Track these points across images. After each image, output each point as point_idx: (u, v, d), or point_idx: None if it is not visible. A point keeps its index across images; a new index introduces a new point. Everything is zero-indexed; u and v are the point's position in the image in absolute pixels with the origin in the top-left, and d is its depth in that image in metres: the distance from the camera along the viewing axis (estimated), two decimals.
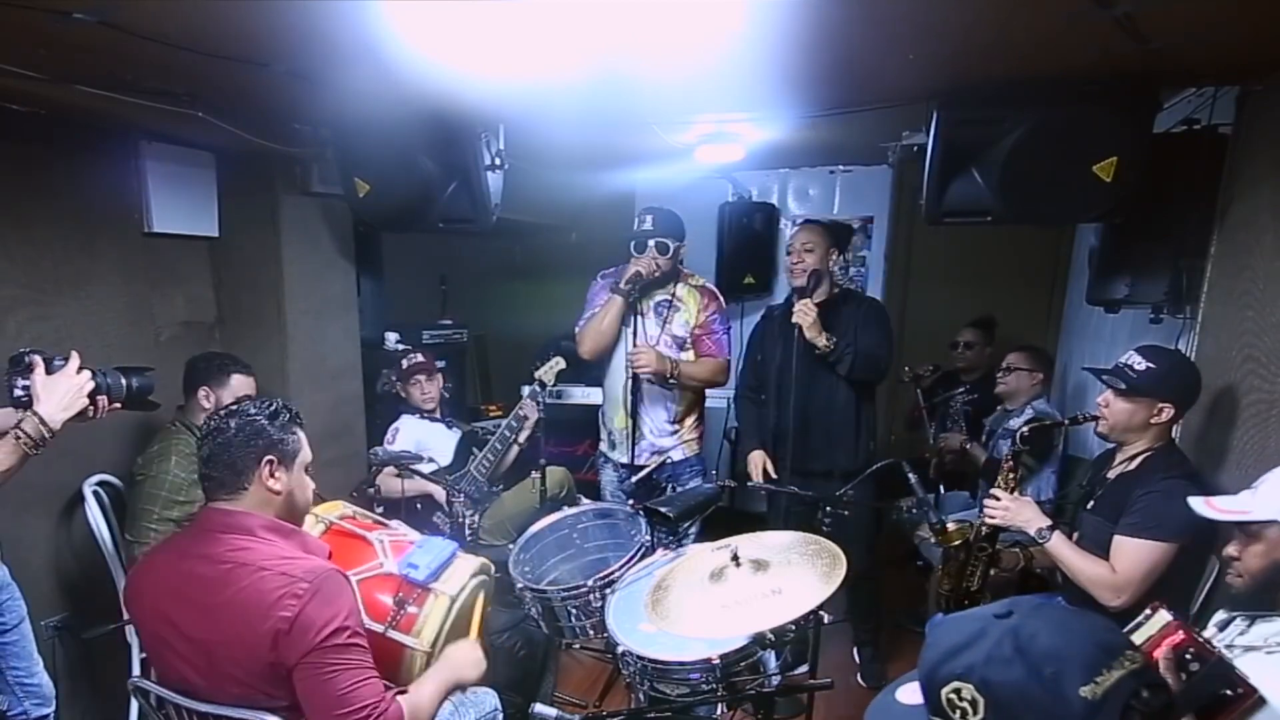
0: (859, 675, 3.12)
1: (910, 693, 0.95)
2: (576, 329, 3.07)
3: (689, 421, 3.07)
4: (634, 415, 2.96)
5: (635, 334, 2.87)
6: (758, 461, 2.90)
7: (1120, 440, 2.07)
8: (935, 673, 0.87)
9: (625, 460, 3.03)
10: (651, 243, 2.85)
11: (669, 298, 2.97)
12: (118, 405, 1.87)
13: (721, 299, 3.06)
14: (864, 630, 3.15)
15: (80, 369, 1.75)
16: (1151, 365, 1.97)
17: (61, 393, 1.69)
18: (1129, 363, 2.01)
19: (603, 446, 3.18)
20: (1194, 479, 1.94)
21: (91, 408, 1.78)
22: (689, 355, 2.99)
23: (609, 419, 3.09)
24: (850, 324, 2.77)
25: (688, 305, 2.98)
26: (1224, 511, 1.47)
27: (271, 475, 1.56)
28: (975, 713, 0.83)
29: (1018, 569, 2.25)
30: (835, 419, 2.83)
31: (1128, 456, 2.06)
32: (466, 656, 1.76)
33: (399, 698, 1.53)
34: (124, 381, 1.89)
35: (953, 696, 0.84)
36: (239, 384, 2.58)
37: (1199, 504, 1.52)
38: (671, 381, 2.91)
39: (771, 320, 3.05)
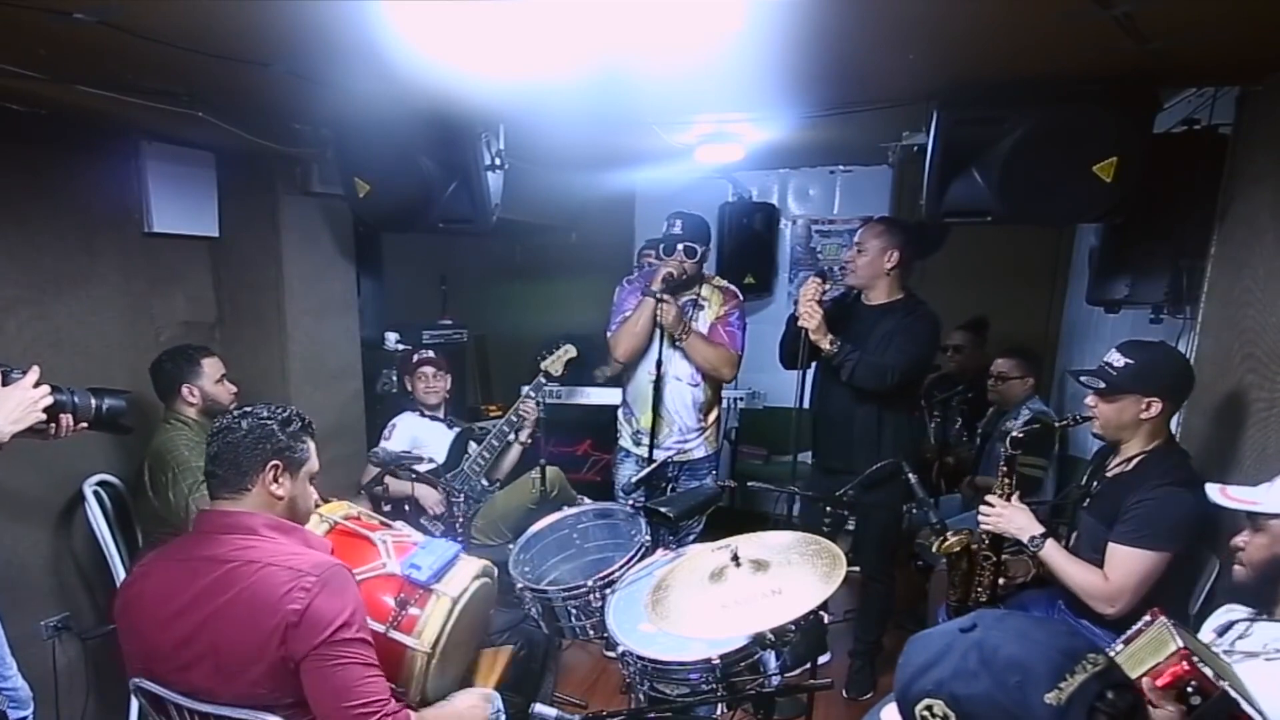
0: (844, 688, 2.97)
1: (893, 712, 0.96)
2: (608, 333, 3.08)
3: (712, 417, 3.11)
4: (663, 411, 3.00)
5: (664, 335, 2.90)
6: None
7: (1117, 438, 2.04)
8: (908, 691, 0.88)
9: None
10: (680, 246, 2.89)
11: (694, 297, 3.02)
12: (84, 425, 1.81)
13: (741, 298, 3.10)
14: (864, 640, 3.03)
15: (39, 383, 1.68)
16: (1130, 361, 1.93)
17: (12, 405, 1.63)
18: (1109, 362, 1.98)
19: (625, 442, 3.17)
20: (1191, 484, 1.84)
21: (54, 425, 1.73)
22: None
23: (636, 417, 3.10)
24: (891, 332, 2.69)
25: (712, 304, 3.04)
26: (1235, 500, 1.50)
27: (275, 480, 1.56)
28: None
29: (1029, 577, 2.23)
30: (856, 420, 2.77)
31: (1125, 457, 2.03)
32: (473, 710, 1.76)
33: (409, 711, 1.53)
34: (93, 402, 1.82)
35: (925, 714, 0.86)
36: (211, 365, 2.60)
37: (1214, 491, 1.55)
38: (678, 343, 2.93)
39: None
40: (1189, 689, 1.24)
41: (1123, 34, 1.60)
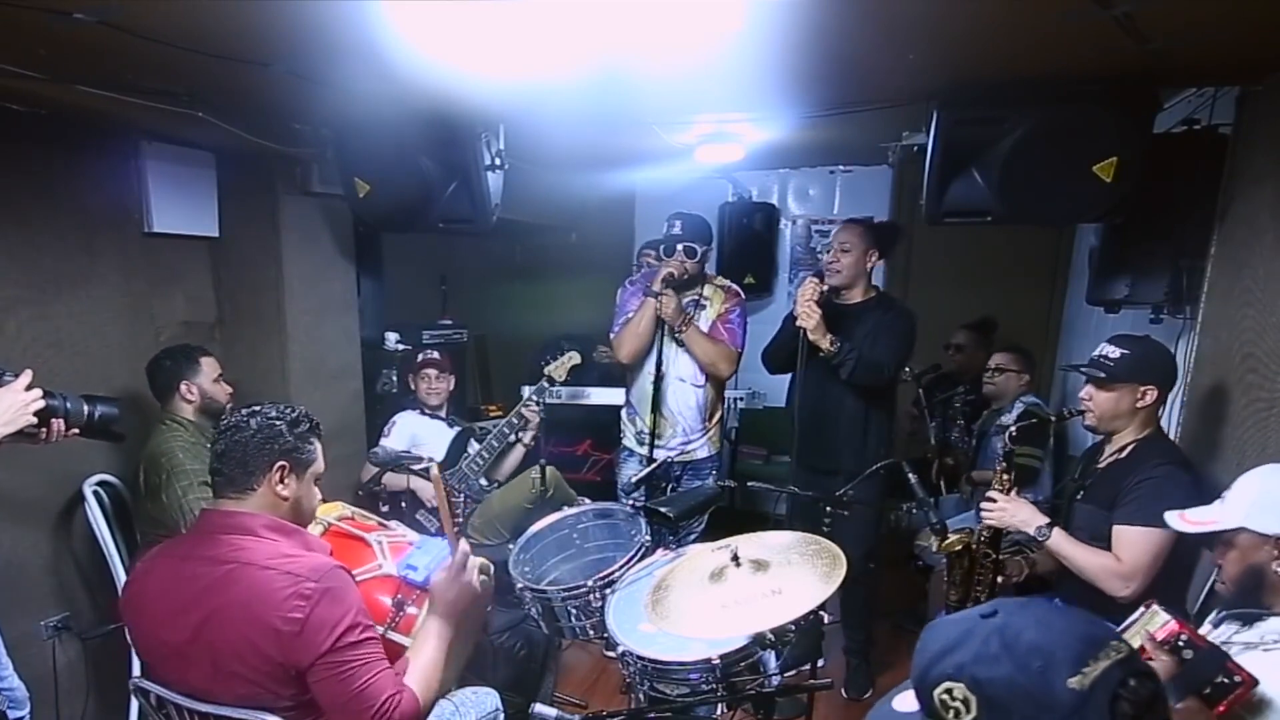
0: (843, 687, 3.02)
1: (906, 700, 0.96)
2: (611, 335, 3.09)
3: (715, 418, 3.12)
4: (666, 411, 3.00)
5: (664, 334, 2.91)
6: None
7: (1110, 430, 2.09)
8: (926, 675, 0.88)
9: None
10: (680, 246, 2.90)
11: (696, 297, 3.03)
12: (75, 431, 1.82)
13: (743, 296, 3.11)
14: (854, 639, 3.08)
15: (31, 387, 1.69)
16: (1126, 351, 2.01)
17: (3, 408, 1.64)
18: (1103, 354, 2.04)
19: (629, 442, 3.18)
20: (1185, 465, 1.98)
21: (45, 429, 1.74)
22: None
23: (640, 417, 3.10)
24: (873, 329, 2.76)
25: (714, 303, 3.04)
26: (1195, 524, 1.52)
27: (281, 481, 1.56)
28: (968, 711, 0.83)
29: (1023, 575, 2.25)
30: (844, 418, 2.83)
31: (1118, 447, 2.08)
32: (457, 594, 1.64)
33: (407, 682, 1.53)
34: (85, 408, 1.83)
35: (945, 697, 0.85)
36: (208, 364, 2.61)
37: (1174, 519, 1.57)
38: (678, 334, 2.93)
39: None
40: (1180, 643, 1.33)
41: (1123, 34, 1.60)
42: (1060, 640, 0.83)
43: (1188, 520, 1.54)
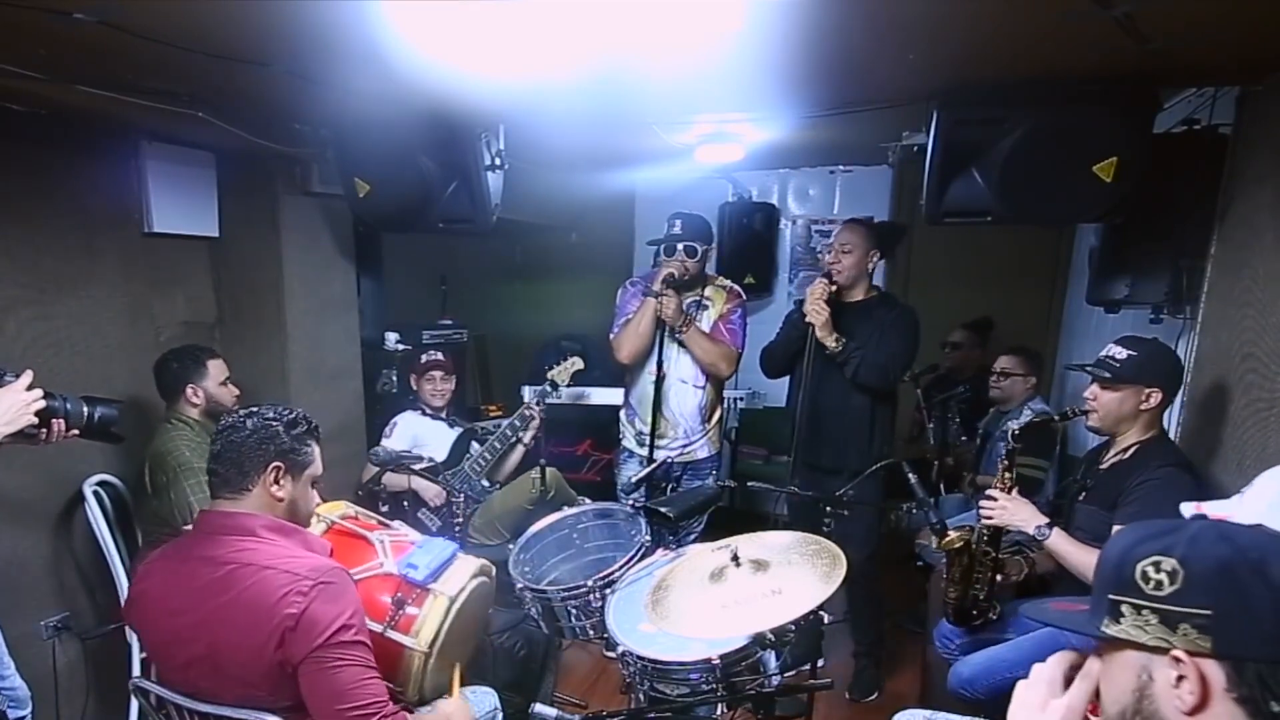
0: (846, 689, 3.00)
1: (1066, 604, 0.98)
2: (611, 336, 3.09)
3: (715, 418, 3.12)
4: (667, 412, 3.01)
5: (665, 335, 2.91)
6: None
7: (1113, 431, 2.09)
8: (1132, 551, 0.89)
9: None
10: (680, 246, 2.90)
11: (698, 298, 3.03)
12: (75, 433, 1.83)
13: (744, 297, 3.11)
14: (862, 641, 3.07)
15: (31, 388, 1.70)
16: (1133, 353, 2.01)
17: (4, 408, 1.65)
18: (1110, 354, 2.04)
19: (628, 443, 3.18)
20: (1188, 467, 1.98)
21: (45, 430, 1.75)
22: None
23: (640, 418, 3.10)
24: (877, 329, 2.76)
25: (715, 303, 3.04)
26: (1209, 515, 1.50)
27: (276, 482, 1.56)
28: (1173, 583, 0.84)
29: (1023, 575, 2.25)
30: (848, 417, 2.82)
31: (1121, 448, 2.08)
32: (459, 711, 1.74)
33: (405, 713, 1.52)
34: (85, 410, 1.84)
35: (1149, 569, 0.86)
36: (216, 368, 2.61)
37: (1189, 509, 1.55)
38: (678, 334, 2.93)
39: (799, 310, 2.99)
40: None
41: (1123, 34, 1.60)
42: (1275, 543, 0.85)
43: (1202, 511, 1.51)
